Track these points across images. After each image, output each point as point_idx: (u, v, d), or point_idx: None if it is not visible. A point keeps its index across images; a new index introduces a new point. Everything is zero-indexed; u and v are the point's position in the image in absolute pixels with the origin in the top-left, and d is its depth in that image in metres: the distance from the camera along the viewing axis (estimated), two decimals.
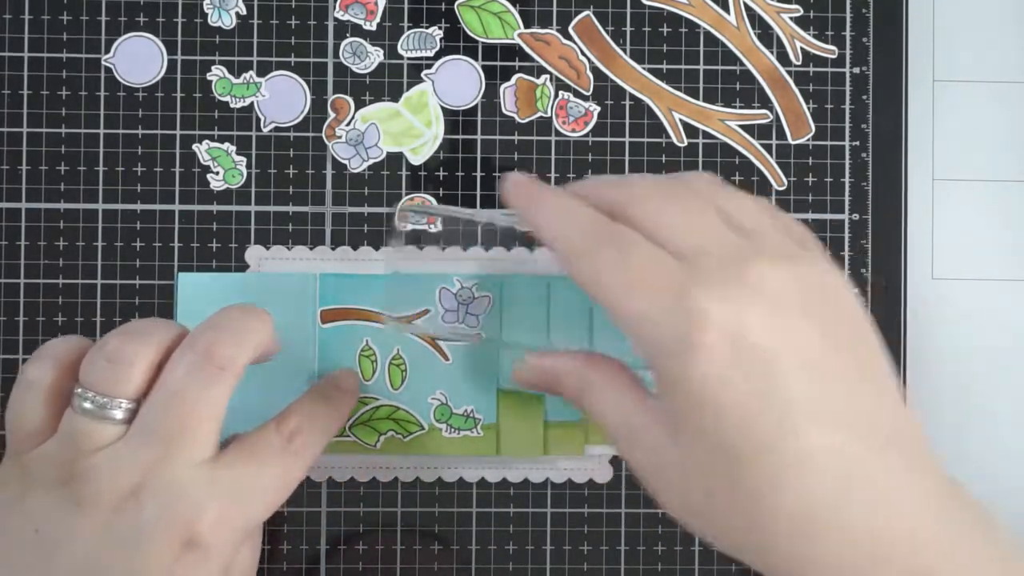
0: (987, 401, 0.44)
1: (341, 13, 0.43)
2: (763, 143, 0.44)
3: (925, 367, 0.44)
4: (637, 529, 0.43)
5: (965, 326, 0.44)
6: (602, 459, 0.43)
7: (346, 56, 0.43)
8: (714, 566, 0.43)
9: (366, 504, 0.42)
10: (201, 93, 0.43)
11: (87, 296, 0.42)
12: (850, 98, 0.44)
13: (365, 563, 0.42)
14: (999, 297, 0.44)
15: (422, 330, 0.42)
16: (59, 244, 0.42)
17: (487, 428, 0.42)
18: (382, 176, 0.43)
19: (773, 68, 0.44)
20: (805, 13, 0.44)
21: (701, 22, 0.44)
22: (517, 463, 0.42)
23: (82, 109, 0.42)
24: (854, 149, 0.44)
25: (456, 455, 0.42)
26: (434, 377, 0.42)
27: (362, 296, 0.42)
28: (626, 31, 0.44)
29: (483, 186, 0.43)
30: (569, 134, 0.43)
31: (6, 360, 0.42)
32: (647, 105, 0.44)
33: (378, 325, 0.42)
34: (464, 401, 0.42)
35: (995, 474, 0.44)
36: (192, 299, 0.42)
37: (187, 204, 0.43)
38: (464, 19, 0.43)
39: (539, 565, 0.43)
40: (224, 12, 0.43)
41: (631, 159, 0.43)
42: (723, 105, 0.44)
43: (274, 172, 0.43)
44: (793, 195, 0.44)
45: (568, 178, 0.43)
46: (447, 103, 0.43)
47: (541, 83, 0.43)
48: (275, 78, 0.43)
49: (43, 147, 0.42)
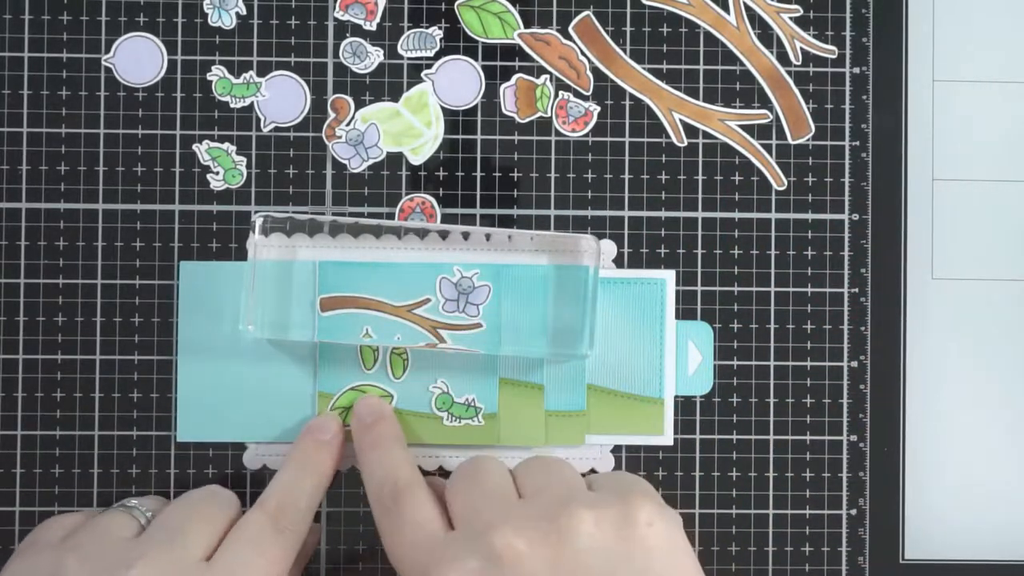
0: (988, 400, 0.44)
1: (341, 13, 0.43)
2: (763, 143, 0.44)
3: (925, 367, 0.44)
4: None
5: (965, 326, 0.44)
6: (604, 448, 0.43)
7: (346, 56, 0.43)
8: (714, 566, 0.43)
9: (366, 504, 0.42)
10: (201, 93, 0.43)
11: (87, 296, 0.42)
12: (850, 98, 0.44)
13: (365, 563, 0.42)
14: (999, 297, 0.44)
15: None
16: (59, 244, 0.42)
17: (488, 417, 0.42)
18: (382, 176, 0.43)
19: (773, 68, 0.44)
20: (805, 13, 0.44)
21: (701, 22, 0.44)
22: (519, 452, 0.42)
23: (82, 109, 0.42)
24: (854, 149, 0.44)
25: (457, 444, 0.42)
26: (435, 366, 0.42)
27: (363, 284, 0.42)
28: (626, 31, 0.44)
29: (483, 186, 0.43)
30: (569, 134, 0.43)
31: (6, 360, 0.42)
32: (647, 105, 0.44)
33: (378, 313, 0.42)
34: (465, 390, 0.42)
35: (995, 474, 0.44)
36: (194, 287, 0.42)
37: (187, 204, 0.43)
38: (464, 19, 0.43)
39: None
40: (224, 12, 0.43)
41: (631, 159, 0.43)
42: (723, 105, 0.44)
43: (274, 172, 0.43)
44: (793, 195, 0.44)
45: (568, 178, 0.43)
46: (447, 103, 0.43)
47: (541, 83, 0.43)
48: (275, 78, 0.43)
49: (43, 147, 0.42)
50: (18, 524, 0.42)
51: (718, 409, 0.43)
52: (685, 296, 0.43)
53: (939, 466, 0.44)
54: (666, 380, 0.43)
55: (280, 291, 0.41)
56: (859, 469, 0.43)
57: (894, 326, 0.44)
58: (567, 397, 0.42)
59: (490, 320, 0.42)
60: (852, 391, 0.43)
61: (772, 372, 0.43)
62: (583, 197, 0.43)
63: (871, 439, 0.43)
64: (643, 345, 0.43)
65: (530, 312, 0.42)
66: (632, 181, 0.43)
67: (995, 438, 0.44)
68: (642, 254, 0.43)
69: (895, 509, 0.43)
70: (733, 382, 0.43)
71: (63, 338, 0.42)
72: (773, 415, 0.43)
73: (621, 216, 0.43)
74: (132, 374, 0.42)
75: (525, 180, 0.43)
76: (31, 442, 0.42)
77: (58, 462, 0.42)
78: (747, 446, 0.43)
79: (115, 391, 0.42)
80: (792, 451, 0.43)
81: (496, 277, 0.42)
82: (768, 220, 0.43)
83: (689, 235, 0.43)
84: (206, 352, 0.42)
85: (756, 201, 0.43)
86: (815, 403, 0.43)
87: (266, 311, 0.41)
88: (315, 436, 0.40)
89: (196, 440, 0.42)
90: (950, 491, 0.44)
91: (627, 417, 0.42)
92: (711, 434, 0.43)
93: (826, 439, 0.43)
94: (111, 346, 0.42)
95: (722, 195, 0.43)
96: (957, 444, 0.44)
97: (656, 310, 0.43)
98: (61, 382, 0.42)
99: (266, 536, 0.37)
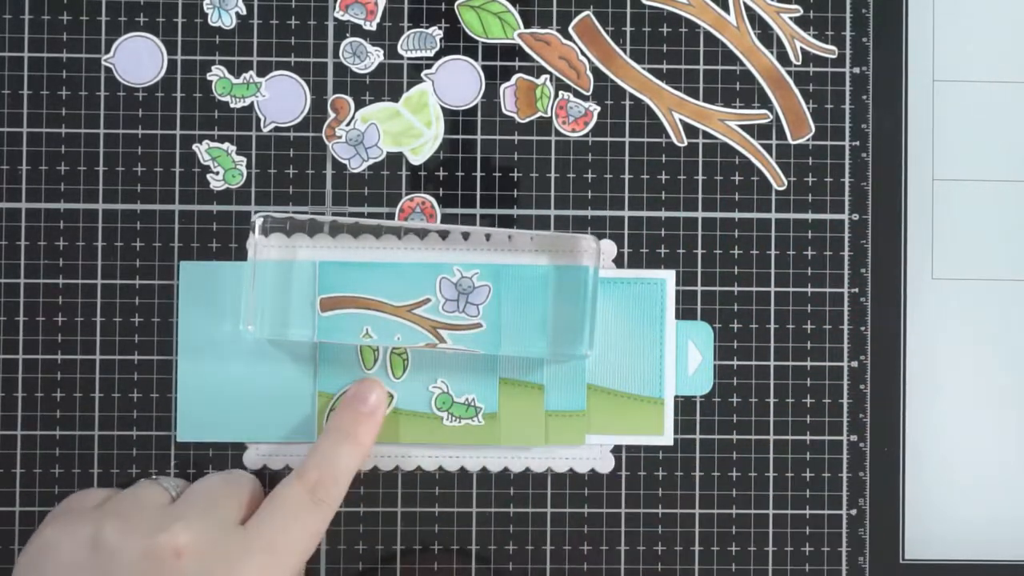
0: (988, 400, 0.44)
1: (341, 13, 0.43)
2: (763, 143, 0.44)
3: (925, 367, 0.44)
4: (637, 529, 0.43)
5: (965, 326, 0.44)
6: (604, 448, 0.43)
7: (346, 56, 0.43)
8: (714, 566, 0.43)
9: (367, 504, 0.42)
10: (201, 93, 0.43)
11: (87, 296, 0.42)
12: (850, 98, 0.44)
13: (365, 563, 0.42)
14: (999, 297, 0.44)
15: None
16: (59, 244, 0.42)
17: (488, 417, 0.42)
18: (382, 176, 0.43)
19: (773, 68, 0.44)
20: (805, 13, 0.44)
21: (701, 22, 0.44)
22: (519, 452, 0.42)
23: (82, 109, 0.42)
24: (854, 149, 0.44)
25: (457, 444, 0.42)
26: (435, 366, 0.42)
27: (363, 284, 0.42)
28: (626, 31, 0.44)
29: (483, 186, 0.43)
30: (569, 134, 0.43)
31: (6, 360, 0.42)
32: (647, 105, 0.44)
33: (378, 313, 0.42)
34: (465, 390, 0.42)
35: (995, 474, 0.44)
36: (194, 287, 0.42)
37: (187, 204, 0.43)
38: (464, 19, 0.43)
39: (539, 565, 0.43)
40: (224, 12, 0.43)
41: (631, 159, 0.43)
42: (723, 105, 0.44)
43: (274, 172, 0.43)
44: (793, 195, 0.44)
45: (568, 178, 0.43)
46: (447, 103, 0.43)
47: (541, 83, 0.43)
48: (275, 78, 0.43)
49: (43, 147, 0.42)
50: (18, 524, 0.42)
51: (718, 409, 0.43)
52: (685, 296, 0.43)
53: (939, 466, 0.44)
54: (666, 380, 0.43)
55: (280, 291, 0.41)
56: (859, 469, 0.43)
57: (894, 326, 0.44)
58: (567, 397, 0.42)
59: (490, 320, 0.42)
60: (852, 391, 0.43)
61: (772, 372, 0.43)
62: (583, 197, 0.43)
63: (871, 439, 0.43)
64: (643, 345, 0.43)
65: (530, 312, 0.42)
66: (632, 181, 0.43)
67: (995, 438, 0.44)
68: (642, 254, 0.43)
69: (895, 509, 0.43)
70: (733, 382, 0.43)
71: (63, 338, 0.42)
72: (773, 415, 0.43)
73: (621, 216, 0.43)
74: (132, 374, 0.42)
75: (525, 180, 0.43)
76: (31, 442, 0.42)
77: (58, 462, 0.42)
78: (747, 446, 0.43)
79: (115, 391, 0.42)
80: (792, 451, 0.43)
81: (496, 277, 0.42)
82: (768, 220, 0.43)
83: (689, 235, 0.43)
84: (206, 352, 0.42)
85: (756, 201, 0.43)
86: (815, 403, 0.43)
87: (266, 311, 0.41)
88: (355, 407, 0.40)
89: (196, 440, 0.42)
90: (950, 491, 0.44)
91: (627, 417, 0.42)
92: (711, 434, 0.43)
93: (826, 439, 0.43)
94: (111, 346, 0.42)
95: (722, 195, 0.43)
96: (957, 444, 0.44)
97: (656, 310, 0.43)
98: (61, 382, 0.42)
99: (304, 507, 0.38)
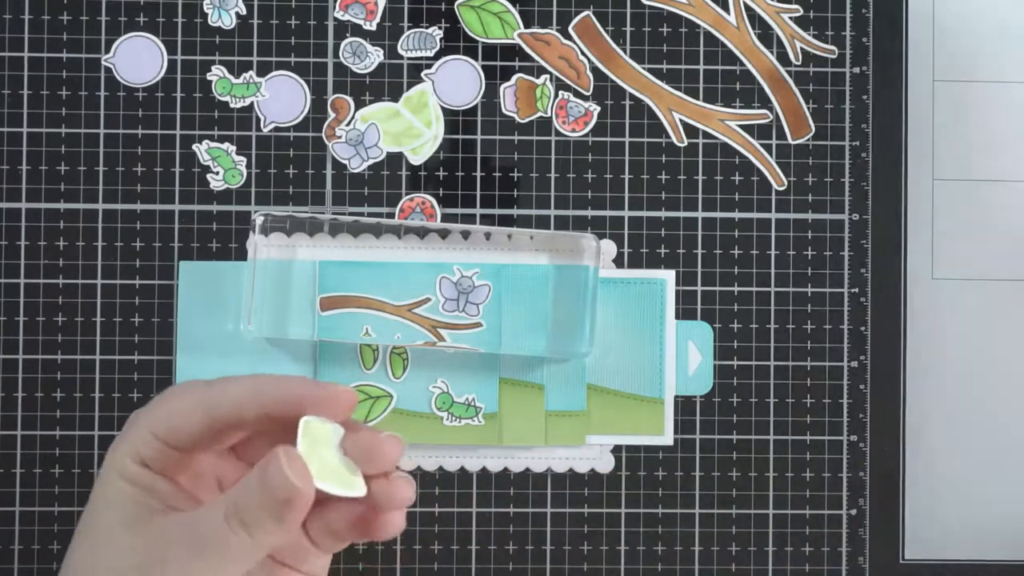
0: (987, 400, 0.44)
1: (341, 13, 0.43)
2: (763, 143, 0.44)
3: (925, 367, 0.44)
4: (637, 529, 0.43)
5: (965, 326, 0.44)
6: (604, 448, 0.43)
7: (346, 56, 0.43)
8: (714, 566, 0.43)
9: None
10: (201, 93, 0.43)
11: (87, 296, 0.42)
12: (850, 98, 0.44)
13: (365, 563, 0.42)
14: (999, 297, 0.44)
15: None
16: (59, 244, 0.42)
17: (488, 417, 0.42)
18: (382, 176, 0.43)
19: (773, 68, 0.44)
20: (805, 13, 0.44)
21: (701, 22, 0.44)
22: (519, 452, 0.42)
23: (82, 109, 0.42)
24: (854, 149, 0.44)
25: (457, 444, 0.42)
26: (435, 365, 0.42)
27: (362, 283, 0.42)
28: (626, 31, 0.44)
29: (483, 186, 0.43)
30: (569, 134, 0.43)
31: (6, 360, 0.42)
32: (647, 105, 0.44)
33: (378, 312, 0.42)
34: (465, 389, 0.42)
35: (995, 474, 0.44)
36: (194, 287, 0.42)
37: (187, 204, 0.43)
38: (464, 19, 0.43)
39: (539, 565, 0.43)
40: (224, 12, 0.43)
41: (631, 159, 0.43)
42: (723, 105, 0.44)
43: (274, 172, 0.43)
44: (793, 195, 0.44)
45: (568, 178, 0.43)
46: (447, 103, 0.43)
47: (541, 83, 0.43)
48: (275, 78, 0.43)
49: (43, 147, 0.42)
50: (18, 524, 0.42)
51: (718, 409, 0.43)
52: (685, 296, 0.43)
53: (939, 466, 0.43)
54: (666, 380, 0.43)
55: (280, 291, 0.41)
56: (859, 469, 0.43)
57: (894, 326, 0.44)
58: (567, 397, 0.42)
59: (490, 319, 0.42)
60: (852, 391, 0.43)
61: (772, 372, 0.43)
62: (583, 197, 0.43)
63: (871, 439, 0.43)
64: (643, 345, 0.43)
65: (530, 311, 0.42)
66: (632, 181, 0.43)
67: (995, 438, 0.44)
68: (642, 254, 0.43)
69: (895, 509, 0.43)
70: (733, 382, 0.43)
71: (63, 338, 0.42)
72: (773, 415, 0.43)
73: (621, 216, 0.43)
74: (132, 374, 0.42)
75: (525, 180, 0.43)
76: (31, 442, 0.42)
77: (58, 462, 0.42)
78: (747, 446, 0.43)
79: (115, 391, 0.42)
80: (792, 451, 0.43)
81: (496, 276, 0.42)
82: (768, 220, 0.43)
83: (689, 235, 0.43)
84: (206, 352, 0.42)
85: (756, 201, 0.43)
86: (815, 403, 0.43)
87: (266, 310, 0.41)
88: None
89: None
90: (950, 491, 0.43)
91: (627, 417, 0.42)
92: (711, 434, 0.43)
93: (826, 439, 0.43)
94: (111, 346, 0.42)
95: (722, 195, 0.43)
96: (957, 444, 0.44)
97: (656, 310, 0.43)
98: (61, 382, 0.42)
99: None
